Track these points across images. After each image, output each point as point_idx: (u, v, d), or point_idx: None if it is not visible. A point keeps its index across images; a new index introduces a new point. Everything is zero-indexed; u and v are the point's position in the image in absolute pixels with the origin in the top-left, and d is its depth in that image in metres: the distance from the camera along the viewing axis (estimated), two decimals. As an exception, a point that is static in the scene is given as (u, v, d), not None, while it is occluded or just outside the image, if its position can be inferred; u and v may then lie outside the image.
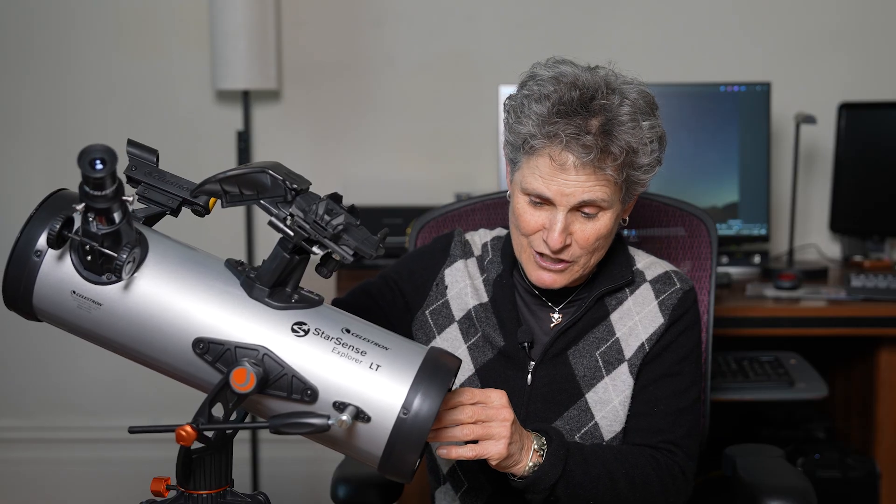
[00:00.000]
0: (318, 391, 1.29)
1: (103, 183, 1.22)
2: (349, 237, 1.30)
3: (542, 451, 1.54)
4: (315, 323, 1.32)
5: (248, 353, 1.29)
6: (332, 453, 1.44)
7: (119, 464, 3.37)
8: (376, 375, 1.30)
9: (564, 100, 1.60)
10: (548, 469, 1.54)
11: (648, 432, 1.70)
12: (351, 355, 1.31)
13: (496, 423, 1.46)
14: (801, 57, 3.26)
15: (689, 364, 1.74)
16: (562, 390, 1.72)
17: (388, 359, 1.32)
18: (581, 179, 1.60)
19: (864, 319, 2.64)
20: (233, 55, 3.10)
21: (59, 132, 3.34)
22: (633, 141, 1.61)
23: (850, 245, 3.15)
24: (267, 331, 1.30)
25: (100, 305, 1.31)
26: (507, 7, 3.28)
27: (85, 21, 3.31)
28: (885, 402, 2.73)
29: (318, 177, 3.33)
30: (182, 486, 1.37)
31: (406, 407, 1.29)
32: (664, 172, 3.04)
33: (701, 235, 2.04)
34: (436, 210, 2.11)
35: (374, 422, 1.29)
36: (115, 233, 1.26)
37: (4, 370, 3.43)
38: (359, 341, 1.33)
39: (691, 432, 1.72)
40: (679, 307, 1.75)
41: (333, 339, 1.31)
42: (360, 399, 1.29)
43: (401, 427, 1.29)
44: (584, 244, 1.65)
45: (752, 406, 2.96)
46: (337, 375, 1.30)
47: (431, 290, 1.82)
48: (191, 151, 3.30)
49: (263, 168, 1.33)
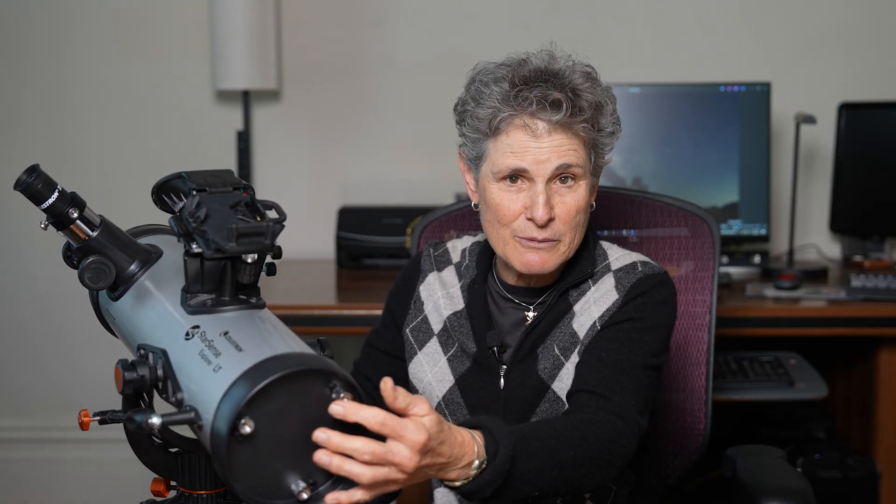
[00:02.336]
0: (183, 396, 1.23)
1: (39, 192, 1.31)
2: (208, 229, 1.23)
3: (480, 468, 1.38)
4: (207, 326, 1.27)
5: (154, 355, 1.29)
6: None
7: (119, 464, 3.36)
8: (215, 378, 1.18)
9: (521, 73, 1.63)
10: (484, 485, 1.39)
11: (589, 378, 1.61)
12: (208, 357, 1.22)
13: (395, 470, 1.27)
14: (801, 57, 3.26)
15: (652, 335, 1.66)
16: (531, 389, 1.70)
17: (231, 360, 1.19)
18: (555, 143, 1.61)
19: (864, 319, 2.63)
20: (233, 55, 3.10)
21: (58, 132, 3.34)
22: (596, 98, 1.63)
23: (850, 245, 3.15)
24: (169, 334, 1.30)
25: (114, 318, 1.44)
26: (507, 7, 3.27)
27: (84, 21, 3.30)
28: (885, 402, 2.73)
29: (318, 177, 3.38)
30: (167, 478, 1.41)
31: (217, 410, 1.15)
32: (664, 172, 3.08)
33: (703, 236, 2.03)
34: (436, 211, 2.11)
35: (204, 430, 1.18)
36: (85, 247, 1.36)
37: (4, 370, 3.43)
38: (224, 343, 1.22)
39: (640, 389, 1.62)
40: (638, 285, 1.69)
41: (206, 342, 1.24)
42: (200, 402, 1.19)
43: (210, 436, 1.16)
44: (567, 217, 1.64)
45: (752, 406, 2.96)
46: (193, 379, 1.23)
47: (410, 308, 1.83)
48: (191, 151, 3.30)
49: (182, 174, 1.33)
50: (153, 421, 1.18)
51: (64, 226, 1.34)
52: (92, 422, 1.36)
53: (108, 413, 1.35)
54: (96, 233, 1.35)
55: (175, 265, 1.37)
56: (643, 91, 2.98)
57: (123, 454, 3.33)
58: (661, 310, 1.71)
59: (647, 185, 2.98)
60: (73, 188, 1.37)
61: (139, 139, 3.33)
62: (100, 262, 1.34)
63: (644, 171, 2.99)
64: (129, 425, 1.23)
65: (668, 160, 3.01)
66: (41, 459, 3.44)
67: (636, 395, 1.61)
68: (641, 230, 2.07)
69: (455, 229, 2.06)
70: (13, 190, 1.30)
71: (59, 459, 3.43)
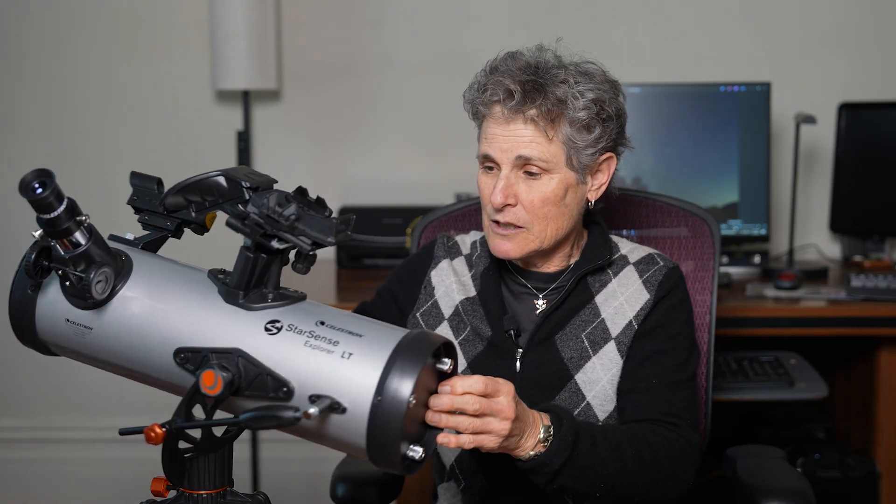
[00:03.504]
0: (294, 387, 1.29)
1: (50, 204, 1.25)
2: (304, 227, 1.29)
3: (547, 440, 1.53)
4: (289, 319, 1.32)
5: (225, 356, 1.30)
6: (332, 453, 1.44)
7: (119, 464, 3.37)
8: (348, 364, 1.28)
9: (499, 64, 1.71)
10: (553, 456, 1.52)
11: (648, 407, 1.70)
12: (323, 347, 1.29)
13: (497, 420, 1.45)
14: (801, 57, 3.26)
15: (683, 339, 1.76)
16: (551, 374, 1.73)
17: (361, 345, 1.29)
18: (517, 133, 1.67)
19: (864, 319, 2.63)
20: (233, 55, 3.10)
21: (58, 132, 3.34)
22: (560, 92, 1.66)
23: (850, 245, 3.15)
24: (240, 333, 1.31)
25: (90, 329, 1.35)
26: (507, 7, 3.28)
27: (85, 21, 3.31)
28: (885, 402, 2.73)
29: (318, 177, 3.38)
30: (176, 484, 1.37)
31: (379, 391, 1.26)
32: (664, 172, 3.08)
33: (704, 235, 2.04)
34: (437, 210, 2.11)
35: (350, 412, 1.27)
36: (85, 255, 1.30)
37: (4, 370, 3.43)
38: (332, 332, 1.31)
39: (691, 405, 1.73)
40: (665, 283, 1.77)
41: (306, 333, 1.31)
42: (335, 390, 1.28)
43: (377, 412, 1.26)
44: (530, 207, 1.69)
45: (752, 406, 2.96)
46: (309, 369, 1.29)
47: (420, 293, 1.85)
48: (191, 151, 3.30)
49: (223, 172, 1.34)
50: (312, 411, 1.24)
51: (60, 235, 1.28)
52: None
53: (174, 422, 1.29)
54: (90, 241, 1.31)
55: (150, 268, 1.37)
56: (643, 91, 2.98)
57: (123, 454, 3.36)
58: (687, 304, 1.81)
59: (647, 185, 2.98)
60: (74, 188, 1.36)
61: (139, 139, 3.33)
62: (105, 271, 1.32)
63: (644, 171, 2.99)
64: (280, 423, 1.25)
65: (668, 160, 3.01)
66: (41, 459, 3.44)
67: (692, 410, 1.73)
68: (641, 230, 2.07)
69: (455, 229, 2.06)
70: (22, 196, 1.24)
71: (59, 459, 3.43)
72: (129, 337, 1.34)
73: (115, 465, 3.38)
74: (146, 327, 1.33)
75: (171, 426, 1.28)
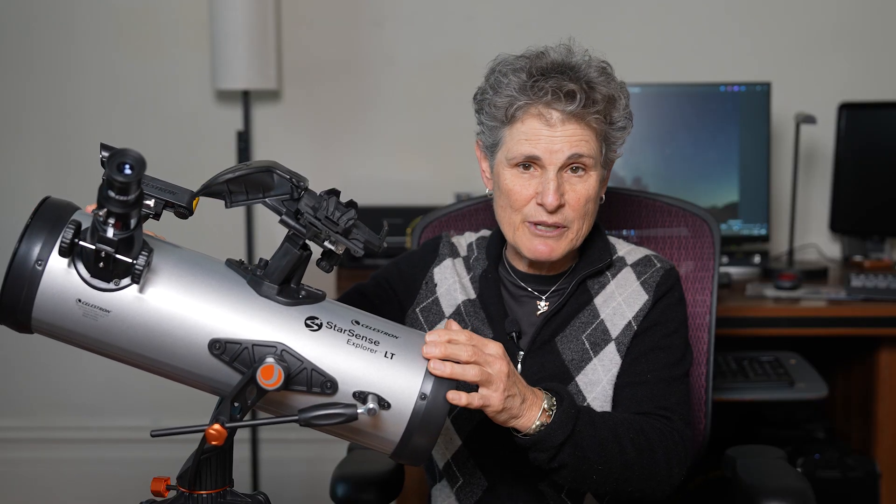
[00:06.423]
0: (338, 383, 1.33)
1: (128, 188, 1.21)
2: (358, 232, 1.35)
3: (551, 410, 1.53)
4: (326, 317, 1.36)
5: (266, 350, 1.31)
6: (332, 453, 1.45)
7: (119, 464, 3.37)
8: (392, 363, 1.36)
9: (539, 65, 1.68)
10: (556, 428, 1.52)
11: (642, 400, 1.71)
12: (365, 346, 1.35)
13: (493, 369, 1.44)
14: (801, 57, 3.26)
15: (678, 337, 1.77)
16: (552, 376, 1.73)
17: (400, 347, 1.37)
18: (568, 133, 1.66)
19: (864, 319, 2.64)
20: (233, 55, 3.10)
21: (59, 132, 3.34)
22: (610, 91, 1.69)
23: (850, 245, 3.15)
24: (281, 327, 1.33)
25: (108, 312, 1.29)
26: (507, 7, 3.28)
27: (85, 21, 3.31)
28: (885, 402, 2.73)
29: (318, 177, 3.34)
30: (192, 488, 1.37)
31: (424, 392, 1.35)
32: (664, 172, 3.08)
33: (704, 235, 2.04)
34: (437, 210, 2.11)
35: (393, 409, 1.34)
36: (129, 238, 1.25)
37: (4, 370, 3.43)
38: (370, 332, 1.37)
39: (684, 401, 1.74)
40: (663, 283, 1.78)
41: (346, 332, 1.35)
42: (378, 387, 1.34)
43: (419, 412, 1.35)
44: (577, 205, 1.69)
45: (752, 406, 2.96)
46: (354, 366, 1.34)
47: (421, 289, 1.85)
48: (191, 151, 3.30)
49: (269, 167, 1.34)
50: (371, 407, 1.31)
51: (122, 217, 1.23)
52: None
53: (225, 420, 1.29)
54: (137, 226, 1.26)
55: (173, 255, 1.33)
56: (643, 91, 2.98)
57: (123, 454, 3.36)
58: (683, 305, 1.81)
59: (647, 185, 2.98)
60: (74, 188, 1.36)
61: (139, 139, 3.33)
62: (146, 255, 1.27)
63: (644, 171, 3.00)
64: (345, 419, 1.30)
65: (668, 160, 3.02)
66: (41, 459, 3.44)
67: (685, 405, 1.73)
68: (641, 230, 2.07)
69: (455, 229, 2.06)
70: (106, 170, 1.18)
71: (59, 459, 3.43)
72: (154, 323, 1.30)
73: (115, 465, 3.39)
74: (176, 316, 1.30)
75: (223, 423, 1.29)
